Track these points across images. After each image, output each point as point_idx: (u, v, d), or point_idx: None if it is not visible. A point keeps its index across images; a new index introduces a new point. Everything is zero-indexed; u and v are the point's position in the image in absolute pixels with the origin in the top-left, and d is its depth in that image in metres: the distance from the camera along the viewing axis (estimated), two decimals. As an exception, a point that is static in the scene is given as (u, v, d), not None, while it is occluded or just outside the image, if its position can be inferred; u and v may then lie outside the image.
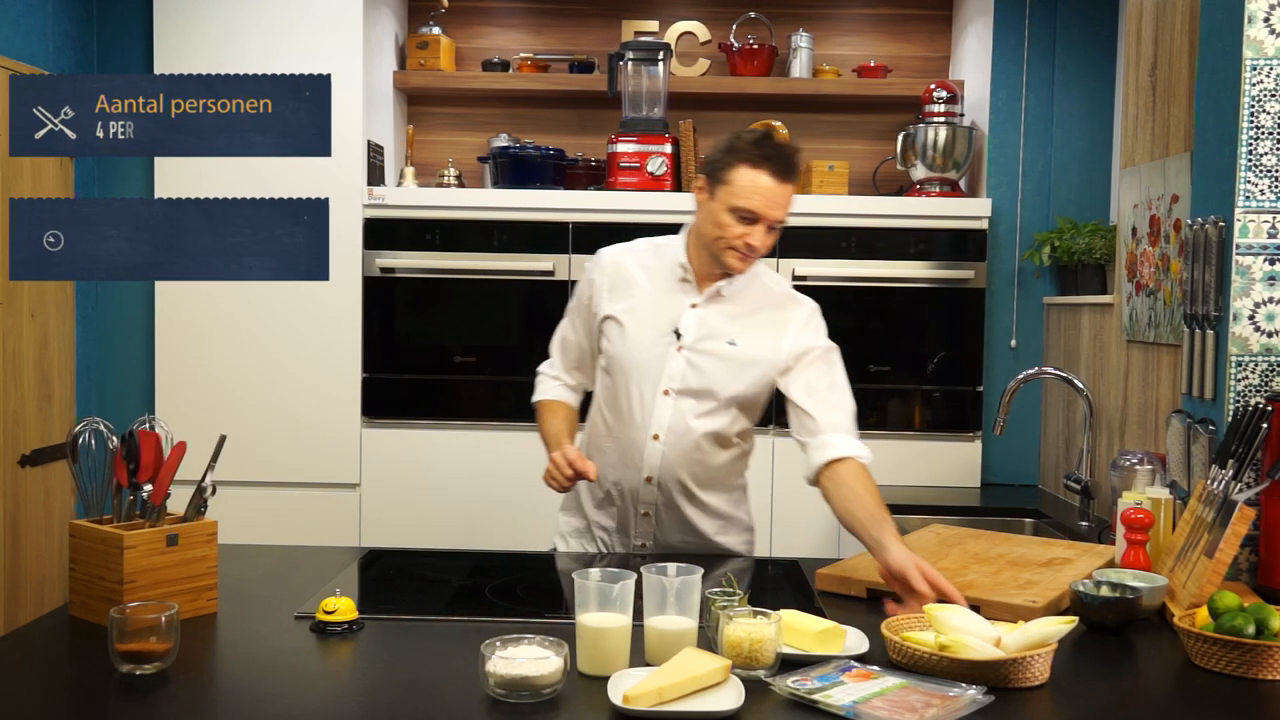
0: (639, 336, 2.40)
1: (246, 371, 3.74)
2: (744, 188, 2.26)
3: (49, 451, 3.58)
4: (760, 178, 2.25)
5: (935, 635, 1.74)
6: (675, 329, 2.38)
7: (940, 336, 3.77)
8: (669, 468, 2.40)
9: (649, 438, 2.39)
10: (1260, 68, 2.26)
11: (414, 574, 2.38)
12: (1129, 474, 2.59)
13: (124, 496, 1.99)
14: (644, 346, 2.39)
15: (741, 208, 2.26)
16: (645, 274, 2.44)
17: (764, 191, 2.25)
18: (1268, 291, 2.28)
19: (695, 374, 2.37)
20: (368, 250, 3.74)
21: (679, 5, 4.21)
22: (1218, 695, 1.69)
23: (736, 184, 2.26)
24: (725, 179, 2.28)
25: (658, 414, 2.38)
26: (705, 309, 2.39)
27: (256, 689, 1.69)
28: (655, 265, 2.44)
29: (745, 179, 2.26)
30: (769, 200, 2.26)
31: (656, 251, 2.46)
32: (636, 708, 1.52)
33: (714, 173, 2.30)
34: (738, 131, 2.34)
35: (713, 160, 2.32)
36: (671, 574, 1.78)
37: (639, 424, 2.39)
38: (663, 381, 2.38)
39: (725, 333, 2.39)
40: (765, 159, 2.25)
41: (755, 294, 2.43)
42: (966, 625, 1.75)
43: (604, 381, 2.47)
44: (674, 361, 2.38)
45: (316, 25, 3.69)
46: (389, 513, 3.76)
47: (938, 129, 3.80)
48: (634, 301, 2.42)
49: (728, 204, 2.27)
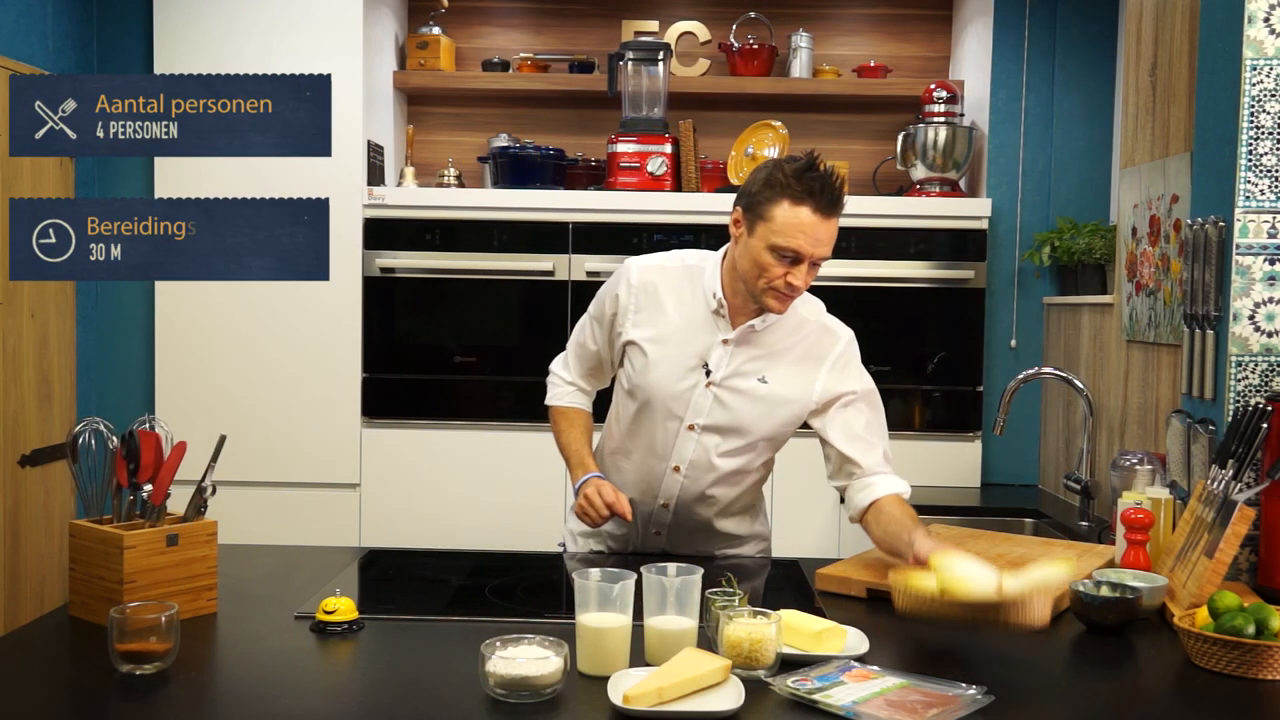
0: (667, 368, 2.27)
1: (246, 371, 3.74)
2: (787, 225, 2.09)
3: (49, 451, 3.58)
4: (803, 214, 2.09)
5: (937, 579, 1.83)
6: (705, 363, 2.25)
7: (940, 336, 3.77)
8: (686, 498, 2.34)
9: (669, 469, 2.31)
10: (1260, 68, 2.26)
11: (414, 574, 2.38)
12: (1129, 474, 2.59)
13: (124, 496, 1.99)
14: (671, 380, 2.26)
15: (783, 247, 2.10)
16: (676, 300, 2.29)
17: (808, 229, 2.10)
18: (1268, 291, 2.28)
19: (723, 411, 2.27)
20: (368, 250, 3.74)
21: (679, 5, 4.21)
22: (1218, 695, 1.69)
23: (778, 221, 2.10)
24: (766, 215, 2.11)
25: (680, 448, 2.29)
26: (737, 345, 2.26)
27: (256, 689, 1.69)
28: (688, 291, 2.29)
29: (788, 216, 2.09)
30: (813, 238, 2.11)
31: (689, 276, 2.30)
32: (636, 708, 1.52)
33: (753, 207, 2.14)
34: (778, 160, 2.15)
35: (751, 193, 2.15)
36: (671, 574, 1.78)
37: (659, 455, 2.31)
38: (689, 416, 2.27)
39: (756, 370, 2.26)
40: (808, 194, 2.08)
41: (790, 325, 2.28)
42: (967, 571, 1.83)
43: (625, 404, 2.35)
44: (702, 397, 2.26)
45: (316, 25, 3.69)
46: (389, 513, 3.76)
47: (938, 129, 3.80)
48: (662, 329, 2.28)
49: (768, 242, 2.11)
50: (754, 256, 2.14)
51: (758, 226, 2.13)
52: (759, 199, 2.13)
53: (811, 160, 2.13)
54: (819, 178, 2.10)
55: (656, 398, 2.28)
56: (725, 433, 2.28)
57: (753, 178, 2.17)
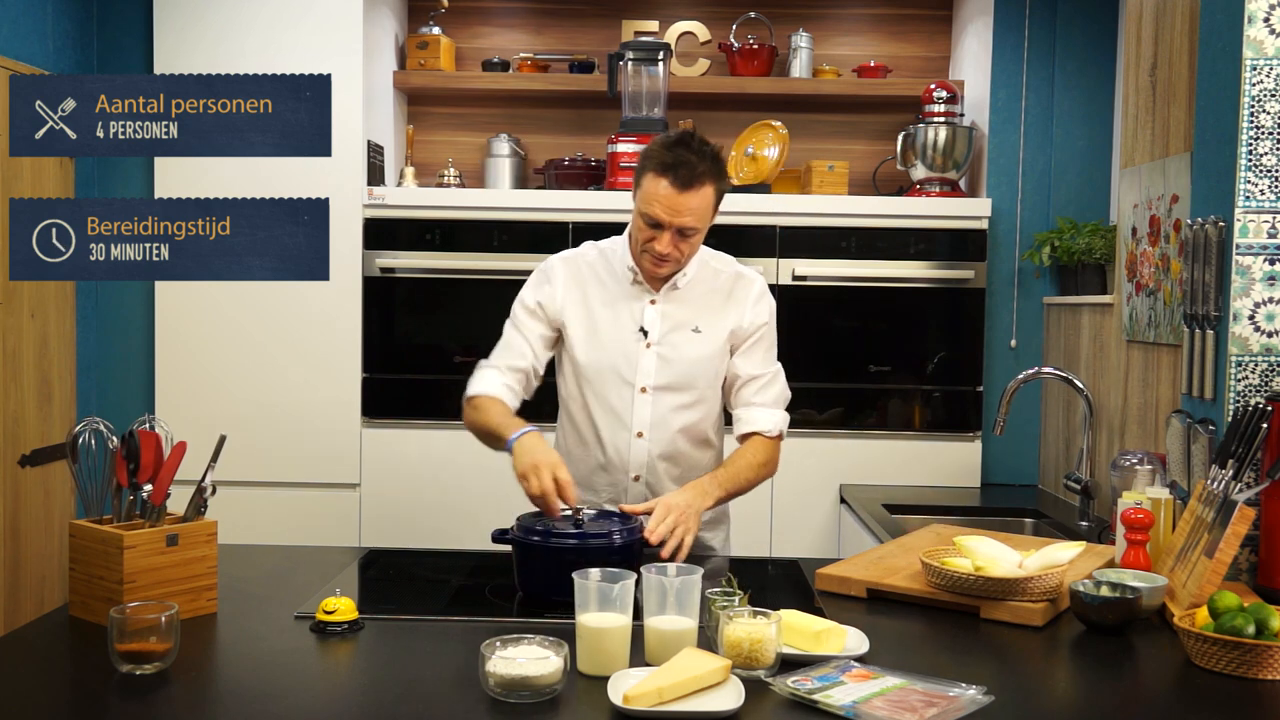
0: (607, 340, 2.43)
1: (246, 371, 3.74)
2: (649, 195, 2.28)
3: (49, 451, 3.58)
4: (663, 186, 2.26)
5: (970, 560, 2.07)
6: (641, 327, 2.42)
7: (940, 336, 3.77)
8: (654, 465, 2.45)
9: (633, 436, 2.44)
10: (1260, 68, 2.26)
11: (414, 574, 2.38)
12: (1129, 474, 2.59)
13: (124, 496, 1.99)
14: (613, 348, 2.43)
15: (646, 214, 2.30)
16: (599, 280, 2.46)
17: (663, 200, 2.26)
18: (1268, 291, 2.28)
19: (668, 367, 2.42)
20: (368, 250, 3.74)
21: (679, 5, 4.21)
22: (1218, 695, 1.69)
23: (644, 190, 2.30)
24: (639, 183, 2.32)
25: (638, 412, 2.43)
26: (665, 304, 2.43)
27: (256, 689, 1.69)
28: (605, 269, 2.47)
29: (651, 187, 2.28)
30: (669, 208, 2.27)
31: (604, 255, 2.49)
32: (636, 708, 1.52)
33: (635, 176, 2.34)
34: (665, 133, 2.35)
35: (638, 163, 2.35)
36: (671, 574, 1.78)
37: (622, 424, 2.43)
38: (639, 379, 2.42)
39: (689, 321, 2.43)
40: (667, 168, 2.26)
41: (707, 278, 2.47)
42: (993, 552, 2.09)
43: (573, 393, 2.48)
44: (646, 359, 2.42)
45: (316, 25, 3.69)
46: (389, 513, 3.75)
47: (938, 129, 3.80)
48: (594, 307, 2.45)
49: (638, 209, 2.32)
50: (635, 221, 2.36)
51: (636, 194, 2.34)
52: (638, 169, 2.33)
53: (683, 136, 2.31)
54: (681, 152, 2.26)
55: (606, 368, 2.43)
56: (675, 388, 2.43)
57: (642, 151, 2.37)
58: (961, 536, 2.22)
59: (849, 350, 3.76)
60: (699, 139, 2.30)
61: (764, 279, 2.54)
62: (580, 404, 2.48)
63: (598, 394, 2.44)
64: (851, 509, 3.46)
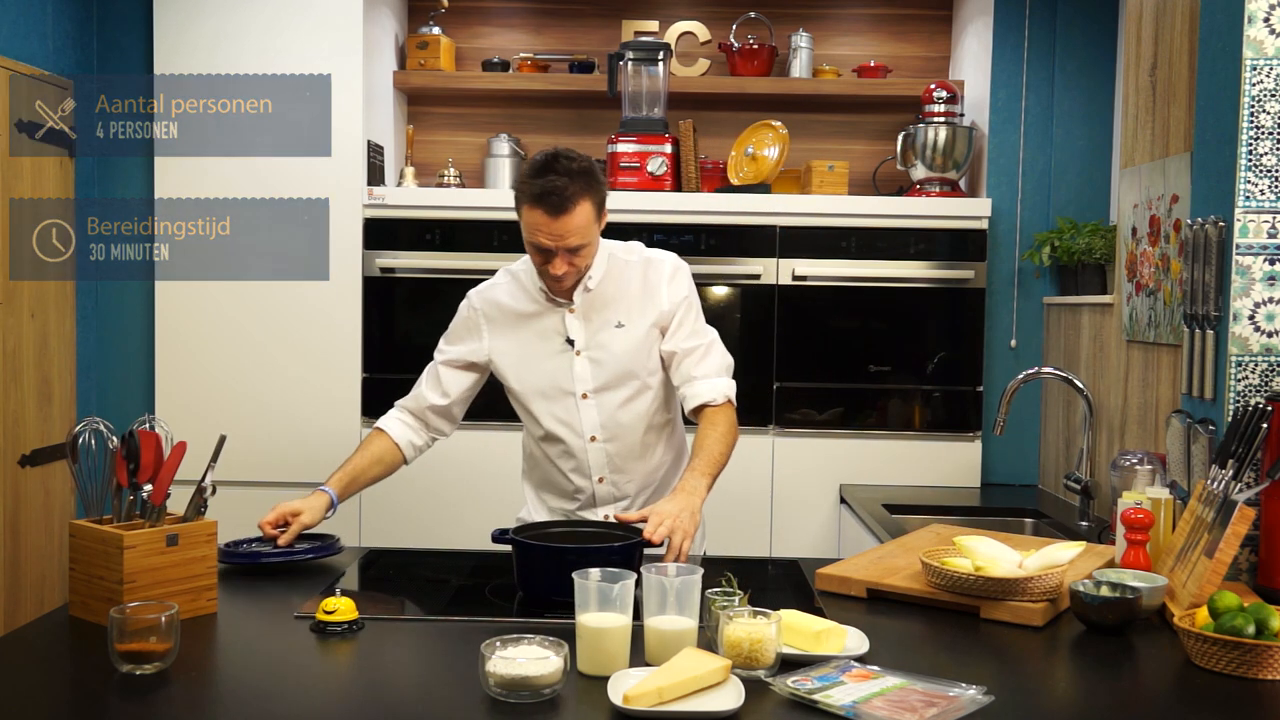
0: (538, 359, 2.47)
1: (246, 371, 3.74)
2: (529, 226, 2.31)
3: (49, 451, 3.58)
4: (539, 216, 2.28)
5: (970, 560, 2.08)
6: (566, 338, 2.46)
7: (940, 336, 3.77)
8: (616, 465, 2.49)
9: (587, 442, 2.48)
10: (1260, 68, 2.26)
11: (414, 574, 2.38)
12: (1129, 474, 2.59)
13: (124, 496, 1.99)
14: (545, 365, 2.47)
15: (532, 243, 2.33)
16: (516, 303, 2.50)
17: (543, 228, 2.28)
18: (1268, 291, 2.28)
19: (600, 369, 2.45)
20: (368, 250, 3.74)
21: (679, 5, 4.21)
22: (1218, 695, 1.69)
23: (524, 220, 2.32)
24: (520, 215, 2.33)
25: (584, 418, 2.47)
26: (583, 310, 2.46)
27: (256, 689, 1.69)
28: (521, 293, 2.50)
29: (528, 218, 2.30)
30: (551, 234, 2.29)
31: (516, 279, 2.52)
32: (636, 708, 1.52)
33: (516, 205, 2.34)
34: (530, 161, 2.33)
35: None
36: (671, 574, 1.78)
37: (574, 432, 2.48)
38: (577, 387, 2.46)
39: (610, 319, 2.45)
40: (538, 198, 2.26)
41: (617, 271, 2.47)
42: (994, 552, 2.10)
43: (524, 410, 2.53)
44: (578, 366, 2.46)
45: (316, 25, 3.69)
46: (389, 513, 3.75)
47: (938, 129, 3.80)
48: (518, 330, 2.49)
49: (525, 239, 2.34)
50: (527, 248, 2.37)
51: (522, 226, 2.34)
52: (515, 199, 2.33)
53: (549, 159, 2.29)
54: (550, 182, 2.25)
55: (543, 385, 2.47)
56: (613, 387, 2.46)
57: None
58: (961, 536, 2.22)
59: (849, 350, 3.76)
60: (565, 156, 2.30)
61: (675, 256, 2.53)
62: (531, 421, 2.53)
63: (545, 411, 2.49)
64: (851, 509, 3.46)
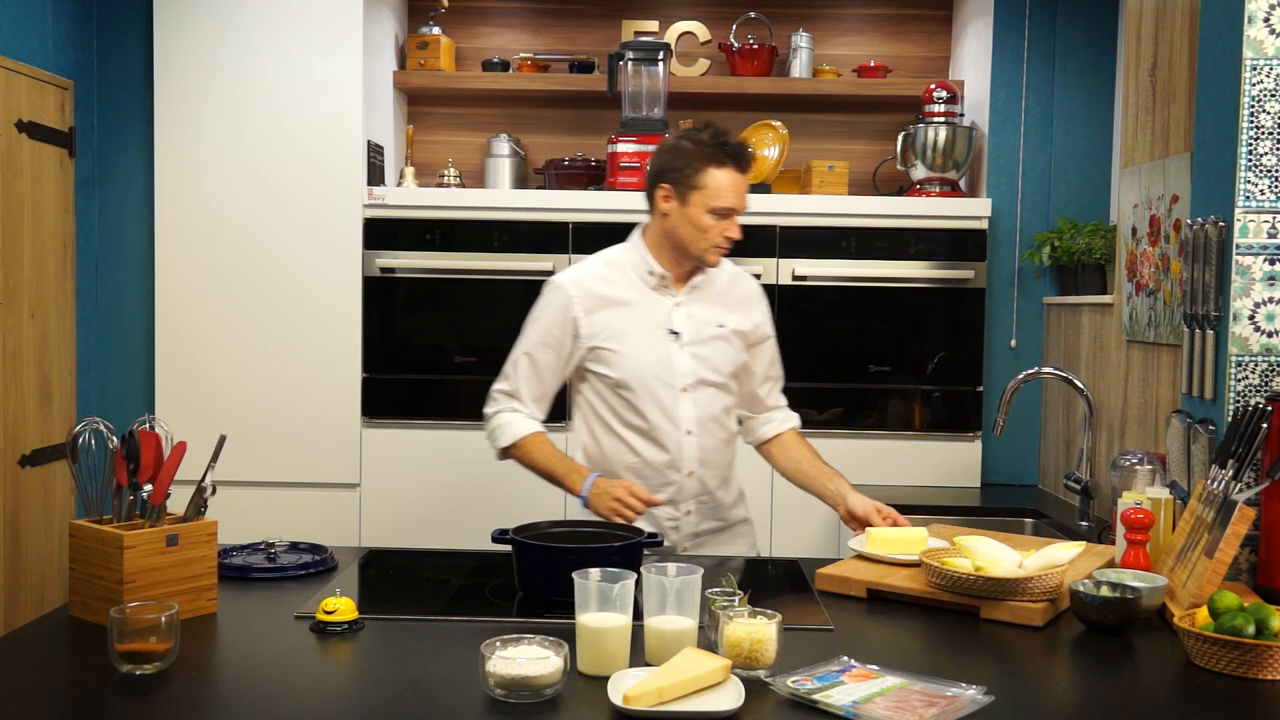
0: (641, 349, 2.48)
1: (246, 371, 3.74)
2: (721, 188, 2.39)
3: (49, 451, 3.58)
4: (732, 176, 2.40)
5: (970, 560, 2.08)
6: (670, 330, 2.49)
7: (940, 336, 3.77)
8: (705, 460, 2.52)
9: (683, 435, 2.49)
10: (1260, 68, 2.26)
11: (414, 574, 2.38)
12: (1129, 474, 2.59)
13: (124, 496, 1.99)
14: (650, 354, 2.48)
15: (720, 207, 2.40)
16: (617, 289, 2.51)
17: (737, 187, 2.41)
18: (1268, 291, 2.28)
19: (702, 364, 2.50)
20: (368, 250, 3.74)
21: (679, 5, 4.21)
22: (1218, 695, 1.69)
23: (712, 186, 2.39)
24: (698, 184, 2.40)
25: (683, 411, 2.49)
26: (688, 305, 2.51)
27: (256, 689, 1.69)
28: (621, 279, 2.52)
29: (720, 180, 2.39)
30: (740, 194, 2.42)
31: (616, 266, 2.54)
32: (636, 708, 1.52)
33: (683, 180, 2.41)
34: (688, 136, 2.44)
35: (675, 168, 2.42)
36: (671, 574, 1.78)
37: (672, 425, 2.48)
38: (678, 380, 2.48)
39: (712, 319, 2.52)
40: (731, 158, 2.40)
41: (714, 276, 2.55)
42: (994, 552, 2.10)
43: (612, 402, 2.51)
44: (681, 359, 2.49)
45: (316, 25, 3.69)
46: (389, 513, 3.76)
47: (938, 129, 3.80)
48: (618, 319, 2.49)
49: (707, 206, 2.40)
50: (694, 222, 2.42)
51: (692, 195, 2.41)
52: (688, 171, 2.41)
53: (716, 127, 2.44)
54: (736, 145, 2.43)
55: (645, 376, 2.47)
56: (711, 384, 2.52)
57: (669, 157, 2.45)
58: (961, 536, 2.22)
59: (849, 350, 3.76)
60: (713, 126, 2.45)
61: None
62: (626, 413, 2.50)
63: (643, 401, 2.48)
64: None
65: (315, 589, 2.12)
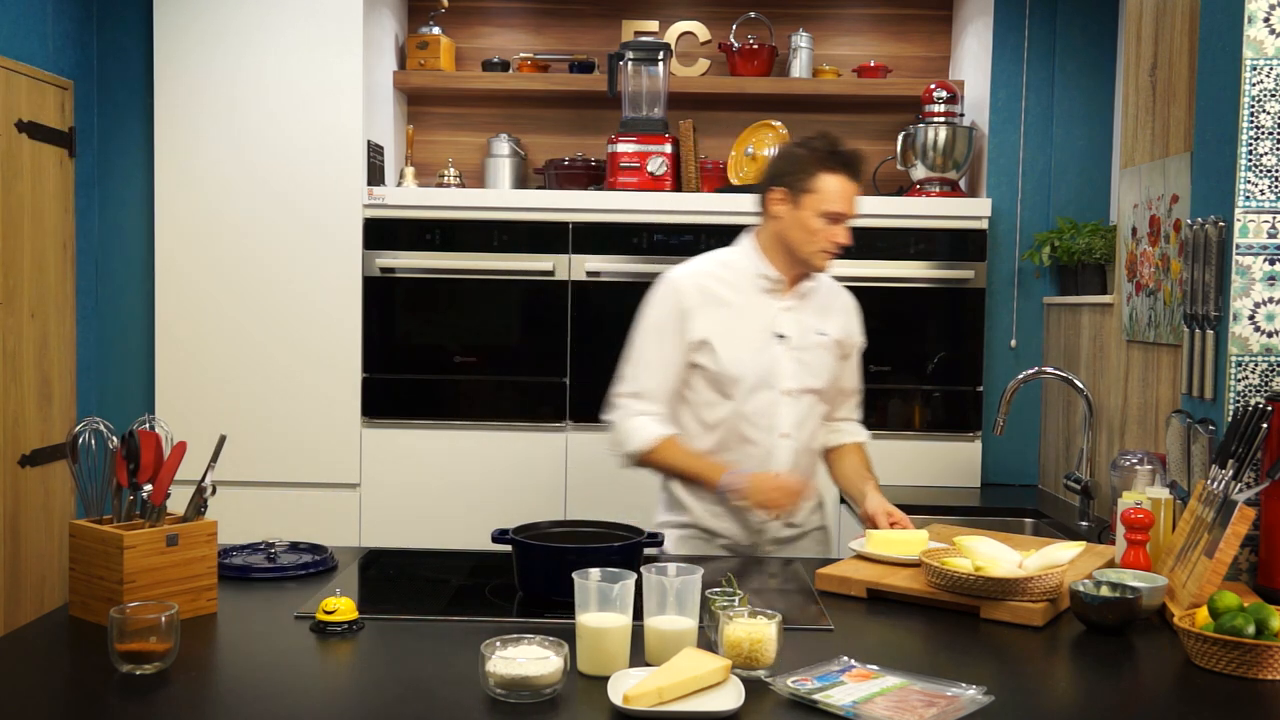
0: (747, 348, 2.52)
1: (246, 371, 3.74)
2: (833, 193, 2.45)
3: (49, 451, 3.59)
4: (844, 182, 2.46)
5: (970, 560, 2.08)
6: (777, 333, 2.54)
7: (940, 336, 3.77)
8: (797, 463, 2.57)
9: (778, 438, 2.54)
10: (1260, 68, 2.26)
11: (414, 574, 2.38)
12: (1129, 474, 2.59)
13: (124, 496, 1.99)
14: (756, 356, 2.52)
15: (831, 211, 2.45)
16: (728, 289, 2.55)
17: (848, 193, 2.47)
18: (1268, 291, 2.28)
19: (805, 370, 2.56)
20: (368, 250, 3.74)
21: (679, 5, 4.21)
22: (1218, 695, 1.69)
23: (823, 190, 2.45)
24: (811, 187, 2.46)
25: (783, 414, 2.54)
26: (796, 310, 2.57)
27: (256, 689, 1.69)
28: (733, 279, 2.56)
29: (832, 185, 2.45)
30: (850, 200, 2.48)
31: (727, 266, 2.58)
32: (636, 708, 1.52)
33: (795, 183, 2.47)
34: (803, 144, 2.50)
35: (788, 172, 2.48)
36: (671, 574, 1.78)
37: (770, 427, 2.53)
38: (780, 383, 2.53)
39: (814, 325, 2.59)
40: (844, 165, 2.47)
41: (818, 284, 2.62)
42: (994, 552, 2.10)
43: (713, 401, 2.53)
44: (785, 363, 2.54)
45: (316, 25, 3.69)
46: (389, 513, 3.76)
47: (938, 129, 3.80)
48: (726, 315, 2.53)
49: (818, 210, 2.46)
50: (804, 225, 2.48)
51: (804, 199, 2.47)
52: (800, 175, 2.47)
53: (831, 136, 2.51)
54: (847, 151, 2.50)
55: (749, 376, 2.51)
56: (812, 390, 2.58)
57: (783, 163, 2.52)
58: (961, 536, 2.22)
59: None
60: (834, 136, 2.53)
61: None
62: (725, 412, 2.53)
63: (744, 402, 2.51)
64: (852, 509, 3.45)
65: (315, 589, 2.12)
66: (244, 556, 2.30)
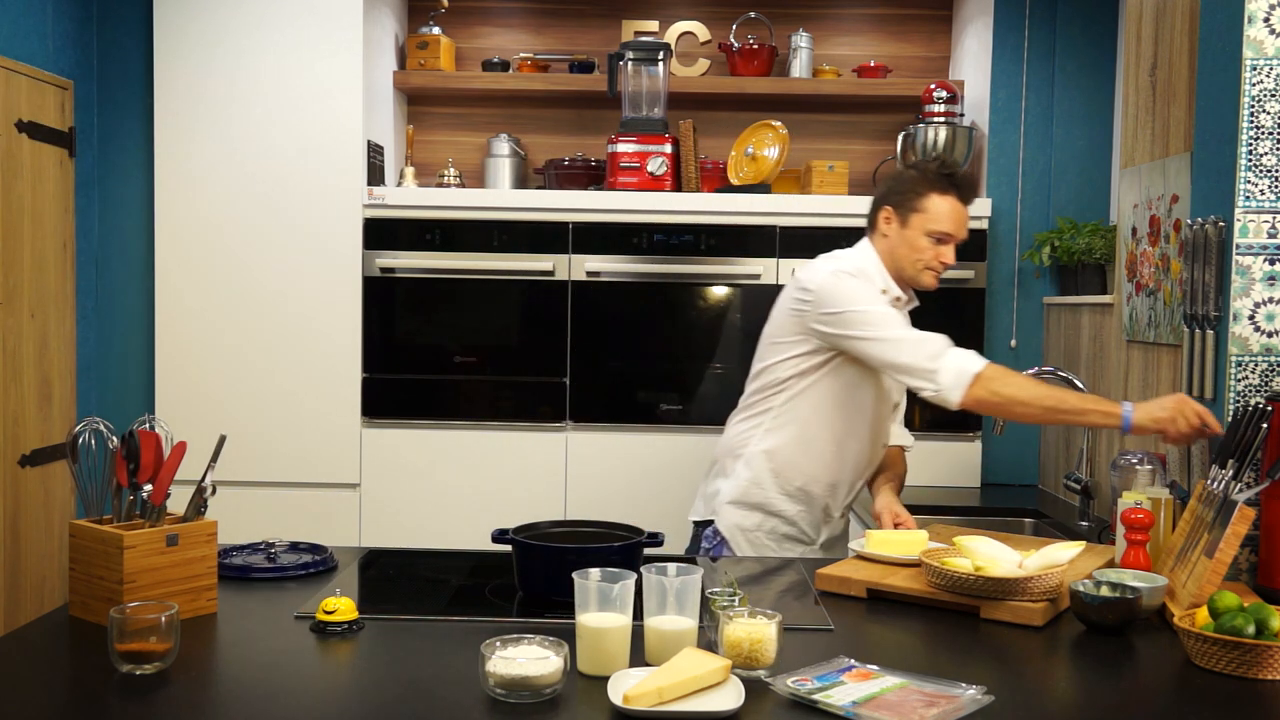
0: None
1: (246, 371, 3.74)
2: (941, 213, 2.53)
3: (49, 451, 3.59)
4: (953, 203, 2.54)
5: (970, 560, 2.08)
6: None
7: (940, 336, 3.76)
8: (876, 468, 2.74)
9: (879, 447, 2.72)
10: (1260, 68, 2.26)
11: (414, 574, 2.38)
12: (1129, 474, 2.59)
13: (124, 496, 1.99)
14: None
15: (938, 231, 2.53)
16: None
17: (957, 215, 2.54)
18: (1268, 291, 2.28)
19: (898, 386, 2.66)
20: (368, 250, 3.74)
21: (679, 5, 4.21)
22: (1218, 695, 1.69)
23: (932, 211, 2.53)
24: (920, 207, 2.54)
25: (888, 426, 2.73)
26: None
27: (256, 689, 1.69)
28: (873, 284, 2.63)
29: (941, 206, 2.53)
30: (959, 222, 2.55)
31: (865, 274, 2.61)
32: (636, 708, 1.52)
33: (905, 202, 2.56)
34: (916, 165, 2.61)
35: (899, 191, 2.57)
36: (671, 574, 1.78)
37: (875, 435, 2.67)
38: (893, 396, 2.69)
39: None
40: (954, 186, 2.54)
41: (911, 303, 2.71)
42: (994, 552, 2.10)
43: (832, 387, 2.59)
44: None
45: (316, 25, 3.69)
46: (389, 513, 3.76)
47: (938, 129, 3.80)
48: None
49: (925, 229, 2.53)
50: (911, 243, 2.56)
51: (912, 218, 2.55)
52: (910, 195, 2.55)
53: (945, 158, 2.66)
54: (959, 175, 2.58)
55: (889, 385, 2.63)
56: (899, 403, 2.74)
57: (895, 183, 2.60)
58: (961, 536, 2.22)
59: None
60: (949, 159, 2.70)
61: None
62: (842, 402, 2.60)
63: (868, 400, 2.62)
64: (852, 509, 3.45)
65: (315, 589, 2.12)
66: (244, 556, 2.30)
